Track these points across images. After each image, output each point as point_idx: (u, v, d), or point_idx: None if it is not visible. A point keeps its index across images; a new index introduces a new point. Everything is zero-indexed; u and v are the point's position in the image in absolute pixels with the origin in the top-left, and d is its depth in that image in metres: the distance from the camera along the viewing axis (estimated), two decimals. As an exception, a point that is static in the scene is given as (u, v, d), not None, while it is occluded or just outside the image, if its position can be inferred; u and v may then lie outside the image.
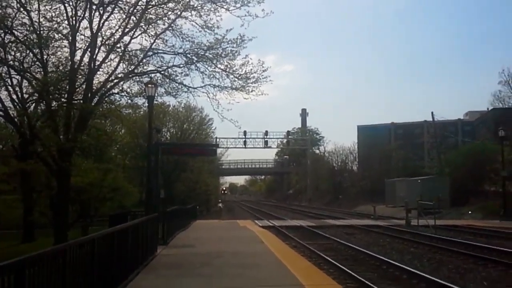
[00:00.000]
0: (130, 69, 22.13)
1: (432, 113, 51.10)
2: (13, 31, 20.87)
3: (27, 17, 20.84)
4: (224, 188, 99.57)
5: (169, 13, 21.30)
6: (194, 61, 22.21)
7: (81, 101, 21.61)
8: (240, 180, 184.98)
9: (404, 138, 79.94)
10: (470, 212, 35.14)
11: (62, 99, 22.15)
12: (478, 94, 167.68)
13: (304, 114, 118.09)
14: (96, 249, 6.39)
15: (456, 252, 15.28)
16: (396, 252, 16.17)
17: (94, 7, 20.97)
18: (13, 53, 21.77)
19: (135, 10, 21.25)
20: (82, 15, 21.06)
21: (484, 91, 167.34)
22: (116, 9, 21.47)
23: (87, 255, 6.07)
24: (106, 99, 23.02)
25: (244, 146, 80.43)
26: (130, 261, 8.83)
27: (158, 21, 21.48)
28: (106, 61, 21.83)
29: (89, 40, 21.29)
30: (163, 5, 21.44)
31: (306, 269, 10.35)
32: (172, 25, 21.40)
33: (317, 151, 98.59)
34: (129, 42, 21.79)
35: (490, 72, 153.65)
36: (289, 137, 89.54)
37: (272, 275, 9.47)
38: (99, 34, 21.31)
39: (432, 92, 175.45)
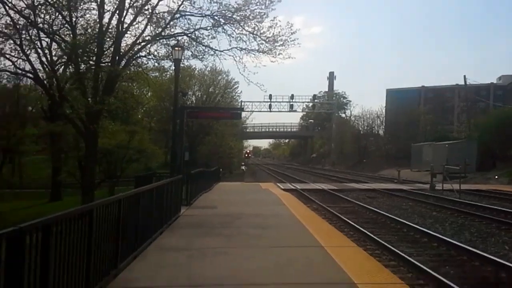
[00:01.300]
0: (157, 32, 22.12)
1: (464, 76, 49.68)
2: (43, -6, 20.98)
3: (56, -21, 20.89)
4: (248, 151, 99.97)
5: (198, -27, 20.99)
6: (221, 23, 22.02)
7: (109, 64, 21.80)
8: (263, 143, 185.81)
9: (434, 102, 78.29)
10: (496, 177, 34.61)
11: (90, 62, 22.42)
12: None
13: (331, 77, 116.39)
14: (122, 209, 6.56)
15: (479, 217, 15.20)
16: (418, 215, 16.17)
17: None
18: (42, 15, 21.98)
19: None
20: (110, -23, 20.97)
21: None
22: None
23: (113, 215, 6.25)
24: (133, 62, 23.21)
25: (269, 110, 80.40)
26: (155, 220, 9.10)
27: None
28: (134, 23, 21.93)
29: (117, 2, 21.32)
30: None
31: (326, 231, 10.48)
32: (201, -14, 21.11)
33: (343, 115, 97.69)
34: (157, 4, 21.73)
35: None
36: (315, 100, 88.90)
37: (292, 236, 9.63)
38: (127, -5, 21.24)
39: (465, 55, 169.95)
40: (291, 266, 6.98)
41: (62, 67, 27.04)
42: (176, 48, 17.48)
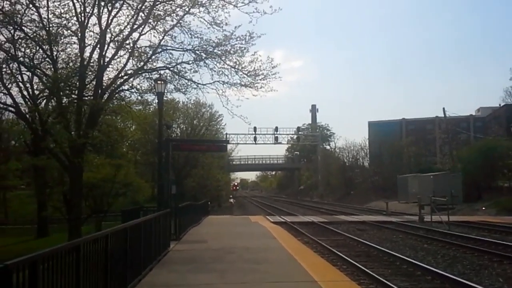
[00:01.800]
0: (139, 66, 22.17)
1: (443, 108, 50.65)
2: (23, 27, 20.99)
3: (36, 14, 20.94)
4: (235, 184, 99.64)
5: (177, 9, 21.24)
6: (203, 57, 22.17)
7: (92, 98, 21.69)
8: (251, 175, 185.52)
9: (415, 134, 79.39)
10: (483, 208, 34.79)
11: (73, 96, 22.28)
12: (490, 90, 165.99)
13: (314, 110, 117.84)
14: (110, 245, 6.38)
15: (470, 248, 15.09)
16: (409, 248, 16.02)
17: (102, 3, 20.98)
18: (23, 49, 21.93)
19: (143, 7, 21.22)
20: (90, 12, 21.09)
21: (496, 87, 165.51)
22: (124, 5, 21.43)
23: (101, 251, 6.06)
24: (116, 95, 23.12)
25: (254, 142, 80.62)
26: (144, 256, 8.83)
27: (166, 17, 21.43)
28: (116, 57, 21.91)
29: (98, 36, 21.33)
30: (171, 2, 21.35)
31: (319, 265, 10.28)
32: (180, 21, 21.35)
33: (328, 147, 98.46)
34: (138, 39, 21.82)
35: (502, 68, 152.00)
36: (299, 133, 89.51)
37: (285, 271, 9.42)
38: (108, 30, 21.37)
39: (443, 88, 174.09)
40: (287, 303, 6.75)
41: (44, 101, 26.85)
42: (158, 82, 17.48)
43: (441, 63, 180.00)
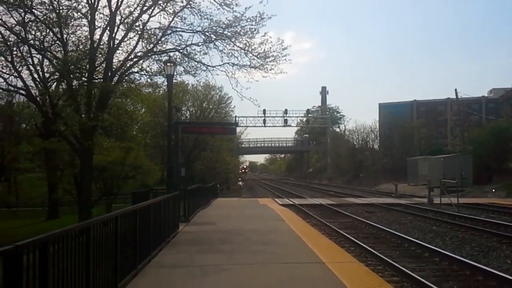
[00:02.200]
0: (149, 48, 22.13)
1: (455, 90, 50.20)
2: (33, 10, 20.97)
3: (46, -4, 20.90)
4: (244, 167, 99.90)
5: (188, -11, 21.07)
6: (213, 39, 22.07)
7: (102, 80, 21.75)
8: (260, 158, 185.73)
9: (426, 115, 78.75)
10: (494, 190, 34.61)
11: (83, 78, 22.33)
12: (503, 71, 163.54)
13: (324, 92, 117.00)
14: (119, 226, 6.44)
15: (479, 230, 15.09)
16: (418, 230, 16.04)
17: (112, -16, 20.89)
18: (33, 32, 21.95)
19: (153, -13, 21.08)
20: (101, -7, 21.01)
21: (509, 68, 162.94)
22: (134, -13, 21.33)
23: (110, 232, 6.13)
24: (126, 78, 23.14)
25: (263, 125, 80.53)
26: (153, 237, 8.93)
27: (176, -2, 21.29)
28: (125, 40, 21.88)
29: (108, 18, 21.29)
30: (181, -18, 21.19)
31: (327, 247, 10.34)
32: (190, 2, 21.18)
33: (338, 130, 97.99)
34: (148, 21, 21.75)
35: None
36: (309, 115, 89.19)
37: (292, 252, 9.49)
38: (118, 12, 21.30)
39: (455, 69, 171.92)
40: (293, 283, 6.86)
41: (55, 83, 26.94)
42: (168, 64, 17.46)
43: (454, 43, 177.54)
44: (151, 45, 22.10)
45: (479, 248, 12.39)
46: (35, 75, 23.79)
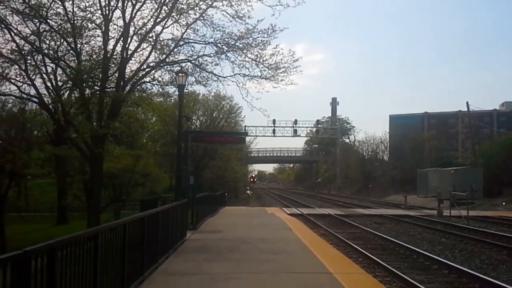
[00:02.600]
0: (161, 58, 22.37)
1: (467, 102, 49.83)
2: (48, 20, 21.34)
3: (61, 7, 21.32)
4: (253, 176, 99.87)
5: (201, 2, 21.37)
6: (225, 50, 22.26)
7: (114, 89, 21.98)
8: (268, 168, 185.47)
9: (437, 128, 78.33)
10: (504, 203, 34.24)
11: (95, 87, 22.60)
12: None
13: (334, 103, 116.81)
14: (127, 233, 6.47)
15: (489, 243, 14.92)
16: (427, 242, 15.91)
17: (127, -3, 21.19)
18: (47, 42, 22.28)
19: (167, 0, 21.36)
20: (115, 5, 21.37)
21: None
22: (148, -1, 21.62)
23: (118, 239, 6.17)
24: (138, 87, 23.39)
25: (273, 135, 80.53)
26: (161, 245, 8.96)
27: (189, 11, 21.59)
28: (138, 50, 22.19)
29: (121, 29, 21.60)
30: (194, -5, 21.42)
31: (335, 257, 10.30)
32: (203, 14, 21.44)
33: (347, 140, 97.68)
34: (161, 32, 22.03)
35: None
36: (319, 125, 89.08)
37: (300, 262, 9.46)
38: (132, 23, 21.63)
39: (467, 82, 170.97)
40: (300, 293, 6.81)
41: (67, 92, 27.25)
42: (180, 74, 17.62)
43: (467, 56, 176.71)
44: (164, 56, 22.35)
45: (489, 261, 12.26)
46: (48, 84, 24.12)
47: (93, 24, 21.92)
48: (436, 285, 9.38)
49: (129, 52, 21.90)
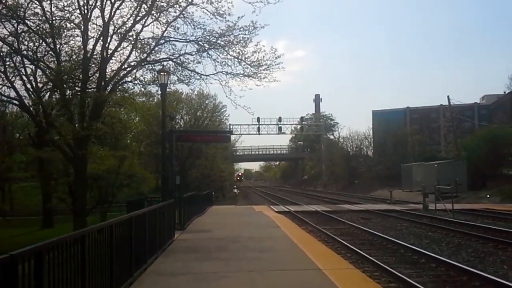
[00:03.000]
0: (142, 57, 22.16)
1: (448, 97, 50.47)
2: (26, 21, 20.97)
3: (39, 7, 20.92)
4: (239, 174, 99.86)
5: (180, 0, 21.18)
6: (206, 48, 22.15)
7: (95, 90, 21.72)
8: (254, 166, 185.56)
9: (419, 122, 79.25)
10: (488, 196, 34.76)
11: (76, 88, 22.30)
12: (495, 77, 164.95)
13: (317, 99, 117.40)
14: (115, 234, 6.41)
15: (475, 236, 15.11)
16: (413, 236, 16.05)
17: (105, -5, 20.92)
18: (26, 43, 21.95)
19: (146, -2, 21.13)
20: (93, 4, 21.06)
21: (501, 74, 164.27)
22: (127, -3, 21.38)
23: (106, 241, 6.09)
24: (119, 87, 23.12)
25: (257, 133, 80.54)
26: (149, 245, 8.88)
27: (169, 8, 21.37)
28: (119, 49, 21.90)
29: (101, 29, 21.32)
30: (174, -8, 21.27)
31: (323, 254, 10.32)
32: (183, 12, 21.26)
33: (332, 137, 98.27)
34: (141, 30, 21.79)
35: (507, 55, 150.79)
36: (303, 123, 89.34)
37: (289, 259, 9.46)
38: (111, 22, 21.32)
39: (448, 76, 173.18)
40: (291, 290, 6.80)
41: (48, 93, 26.83)
42: (161, 73, 17.49)
43: (445, 51, 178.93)
44: (145, 55, 22.15)
45: (475, 253, 12.40)
46: (28, 85, 23.73)
47: (72, 24, 21.63)
48: (424, 279, 9.44)
49: (109, 51, 21.65)
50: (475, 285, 8.93)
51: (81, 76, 21.78)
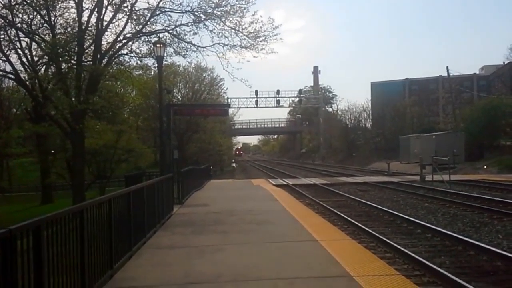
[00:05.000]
0: (138, 29, 21.96)
1: (447, 67, 50.26)
2: (20, -8, 20.63)
3: (32, -22, 20.54)
4: (238, 148, 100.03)
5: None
6: (202, 19, 21.94)
7: (91, 63, 21.54)
8: (253, 140, 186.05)
9: (418, 93, 79.16)
10: (485, 166, 34.96)
11: (72, 61, 22.12)
12: (494, 48, 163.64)
13: (316, 72, 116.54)
14: (113, 209, 6.46)
15: (471, 206, 15.25)
16: (410, 207, 16.20)
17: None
18: (20, 15, 21.68)
19: (140, -33, 20.78)
20: (87, -25, 20.71)
21: (500, 44, 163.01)
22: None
23: (104, 215, 6.14)
24: (115, 60, 22.98)
25: (256, 106, 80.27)
26: (147, 219, 8.95)
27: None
28: (114, 21, 21.71)
29: (95, 0, 20.98)
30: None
31: (320, 225, 10.42)
32: (179, -19, 20.94)
33: (330, 110, 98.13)
34: (136, 1, 21.59)
35: (507, 25, 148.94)
36: (301, 95, 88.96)
37: (286, 231, 9.55)
38: (106, -7, 20.99)
39: (447, 46, 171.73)
40: (287, 261, 6.91)
41: (44, 67, 26.66)
42: (157, 45, 17.31)
43: (444, 21, 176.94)
44: (140, 26, 21.93)
45: (471, 223, 12.54)
46: (24, 59, 23.59)
47: (66, -5, 21.32)
48: (420, 249, 9.58)
49: (104, 23, 21.43)
50: (470, 254, 9.06)
51: (76, 49, 21.61)
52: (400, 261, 8.56)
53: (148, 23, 22.05)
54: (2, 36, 21.48)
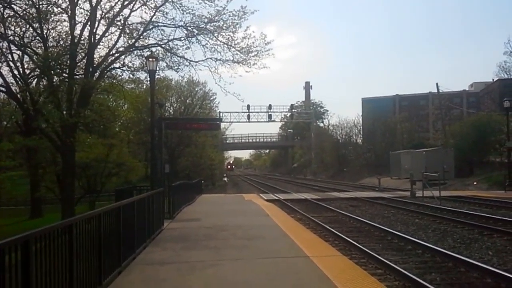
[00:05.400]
0: (130, 43, 22.00)
1: (437, 84, 50.86)
2: (12, 5, 20.70)
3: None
4: (230, 163, 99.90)
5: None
6: (195, 34, 22.04)
7: (83, 76, 21.52)
8: (244, 154, 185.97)
9: (408, 110, 79.79)
10: (475, 182, 35.17)
11: (64, 74, 22.07)
12: (484, 65, 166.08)
13: (307, 87, 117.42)
14: (103, 224, 6.40)
15: (461, 223, 15.30)
16: (400, 223, 16.22)
17: (93, -21, 20.66)
18: (13, 28, 21.70)
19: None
20: (81, -12, 20.79)
21: (489, 62, 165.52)
22: (115, -19, 21.13)
23: (94, 230, 6.09)
24: (107, 73, 22.96)
25: (247, 120, 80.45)
26: (137, 235, 8.88)
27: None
28: (106, 34, 21.75)
29: (88, 13, 21.11)
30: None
31: (311, 241, 10.40)
32: (172, -4, 21.07)
33: (321, 125, 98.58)
34: (129, 15, 21.62)
35: (496, 42, 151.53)
36: (293, 110, 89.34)
37: (278, 247, 9.52)
38: (99, 7, 21.15)
39: (437, 63, 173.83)
40: (278, 277, 6.88)
41: (35, 80, 26.55)
42: (150, 59, 17.28)
43: (434, 39, 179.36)
44: (133, 40, 21.97)
45: (461, 240, 12.57)
46: (15, 72, 23.50)
47: (59, 9, 21.41)
48: (411, 265, 9.57)
49: (97, 37, 21.46)
50: (461, 271, 9.07)
51: (68, 62, 21.58)
52: (391, 278, 8.54)
53: (141, 37, 22.14)
54: (-6, 49, 21.45)
